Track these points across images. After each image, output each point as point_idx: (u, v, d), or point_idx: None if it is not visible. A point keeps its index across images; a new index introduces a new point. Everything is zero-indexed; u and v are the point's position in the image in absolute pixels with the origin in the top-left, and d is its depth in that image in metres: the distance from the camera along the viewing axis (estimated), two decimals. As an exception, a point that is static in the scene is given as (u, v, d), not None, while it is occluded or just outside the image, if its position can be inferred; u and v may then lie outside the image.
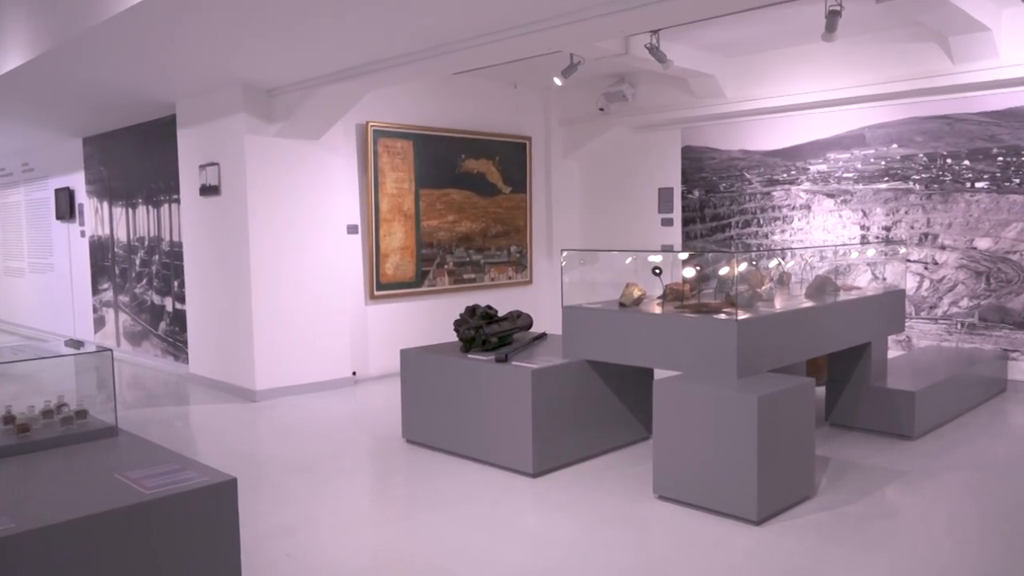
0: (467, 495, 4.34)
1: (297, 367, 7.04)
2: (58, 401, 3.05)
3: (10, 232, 12.45)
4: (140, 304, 8.97)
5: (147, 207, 8.70)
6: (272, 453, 5.35)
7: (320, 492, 4.45)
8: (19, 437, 2.80)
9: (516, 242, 8.96)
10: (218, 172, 7.07)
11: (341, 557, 3.57)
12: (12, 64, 6.18)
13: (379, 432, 5.70)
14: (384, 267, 7.72)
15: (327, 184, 7.22)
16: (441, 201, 8.17)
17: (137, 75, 6.40)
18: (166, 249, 8.39)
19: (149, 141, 8.54)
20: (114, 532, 2.21)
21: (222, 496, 2.43)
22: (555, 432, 4.64)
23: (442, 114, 8.16)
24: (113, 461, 2.65)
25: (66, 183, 10.46)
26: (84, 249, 10.14)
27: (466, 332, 5.15)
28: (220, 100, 6.95)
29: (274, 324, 6.92)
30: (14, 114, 8.35)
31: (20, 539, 2.05)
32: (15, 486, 2.45)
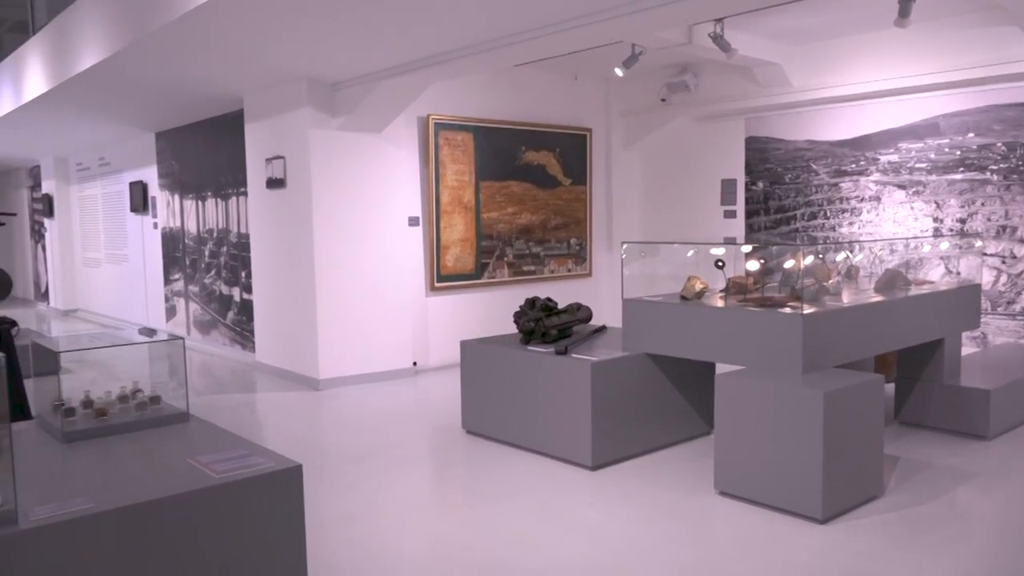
0: (526, 486, 4.35)
1: (359, 357, 7.16)
2: (133, 387, 3.16)
3: (88, 224, 12.94)
4: (209, 294, 9.24)
5: (216, 200, 8.94)
6: (334, 441, 5.45)
7: (381, 480, 4.52)
8: (98, 421, 2.92)
9: (576, 234, 8.93)
10: (284, 165, 7.22)
11: (401, 544, 3.62)
12: (90, 62, 6.41)
13: (439, 422, 5.76)
14: (444, 259, 7.79)
15: (389, 177, 7.31)
16: (501, 193, 8.19)
17: (207, 71, 6.57)
18: (234, 240, 8.61)
19: (218, 135, 8.77)
20: (186, 514, 2.28)
21: (288, 482, 2.49)
22: (614, 425, 4.62)
23: (502, 106, 8.17)
24: (185, 446, 2.74)
25: (140, 177, 10.81)
26: (157, 240, 10.48)
27: (526, 324, 5.15)
28: (286, 94, 7.09)
29: (337, 314, 7.04)
30: (92, 110, 8.66)
31: (100, 518, 2.13)
32: (95, 467, 2.55)
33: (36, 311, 14.18)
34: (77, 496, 2.23)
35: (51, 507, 2.14)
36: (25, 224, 15.62)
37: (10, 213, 10.48)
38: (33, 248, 15.38)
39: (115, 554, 2.16)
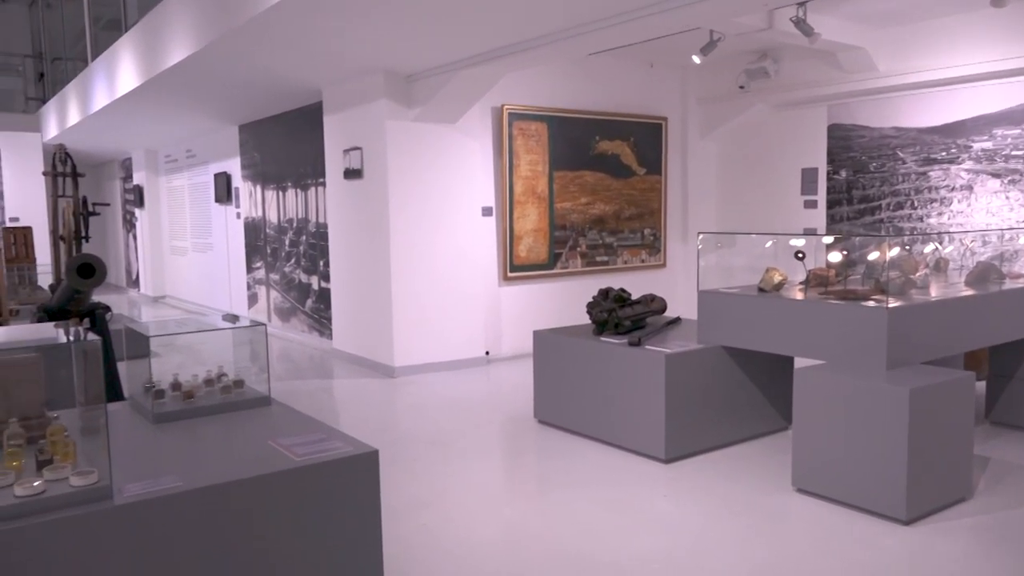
0: (598, 477, 4.34)
1: (433, 345, 7.25)
2: (218, 371, 3.27)
3: (175, 214, 13.45)
4: (289, 282, 9.50)
5: (296, 190, 9.17)
6: (409, 427, 5.54)
7: (454, 467, 4.58)
8: (185, 403, 3.03)
9: (650, 224, 8.82)
10: (361, 156, 7.35)
11: (474, 531, 3.66)
12: (178, 57, 6.65)
13: (511, 411, 5.79)
14: (517, 249, 7.81)
15: (463, 167, 7.37)
16: (575, 183, 8.16)
17: (288, 64, 6.73)
18: (312, 230, 8.82)
19: (298, 127, 8.99)
20: (268, 495, 2.35)
21: (365, 466, 2.54)
22: (688, 418, 4.56)
23: (576, 95, 8.12)
24: (267, 429, 2.82)
25: (224, 168, 11.18)
26: (239, 230, 10.82)
27: (599, 315, 5.13)
28: (363, 87, 7.21)
29: (412, 303, 7.15)
30: (180, 104, 8.98)
31: (187, 496, 2.22)
32: (182, 448, 2.65)
33: (127, 297, 14.83)
34: (166, 475, 2.32)
35: (142, 484, 2.24)
36: (118, 214, 16.34)
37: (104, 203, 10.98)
38: (125, 237, 16.09)
39: (200, 531, 2.24)
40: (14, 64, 16.18)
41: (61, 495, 2.08)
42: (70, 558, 2.04)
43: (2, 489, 2.08)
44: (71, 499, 2.08)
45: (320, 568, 2.46)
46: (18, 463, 2.21)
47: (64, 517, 2.03)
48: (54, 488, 2.10)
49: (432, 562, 3.33)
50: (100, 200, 16.08)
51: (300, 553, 2.42)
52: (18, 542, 1.97)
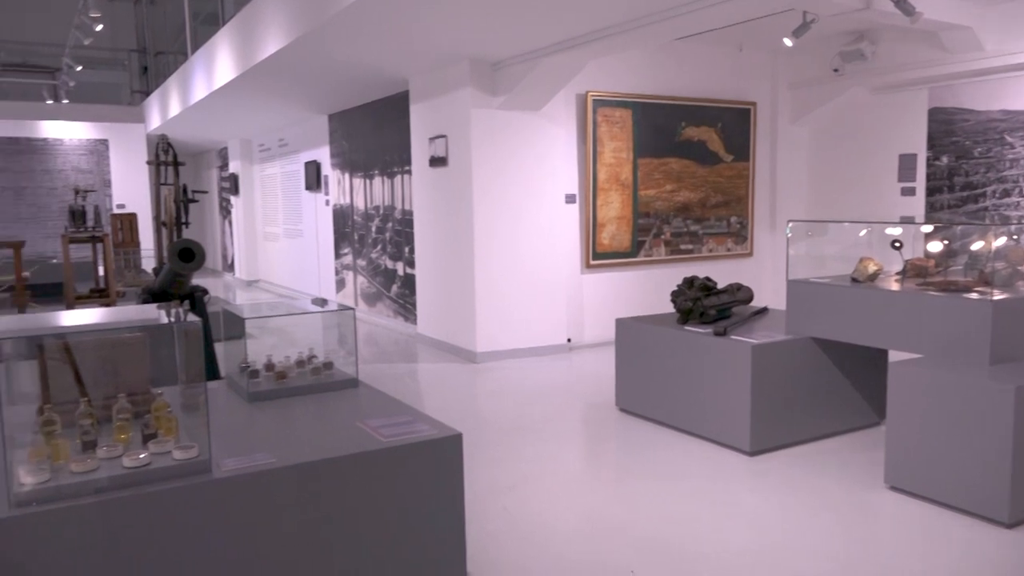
0: (681, 468, 4.29)
1: (515, 332, 7.30)
2: (309, 353, 3.38)
3: (268, 201, 13.91)
4: (375, 268, 9.71)
5: (382, 178, 9.35)
6: (490, 412, 5.60)
7: (535, 453, 4.61)
8: (278, 383, 3.15)
9: (737, 212, 8.63)
10: (446, 144, 7.43)
11: (556, 516, 3.68)
12: (271, 49, 6.86)
13: (592, 399, 5.78)
14: (600, 237, 7.76)
15: (546, 154, 7.36)
16: (659, 170, 8.04)
17: (376, 54, 6.86)
18: (398, 217, 8.98)
19: (385, 116, 9.15)
20: (355, 474, 2.42)
21: (449, 449, 2.59)
22: (775, 410, 4.45)
23: (662, 81, 7.99)
24: (355, 410, 2.91)
25: (314, 156, 11.48)
26: (328, 217, 11.11)
27: (683, 303, 5.05)
28: (449, 75, 7.28)
29: (495, 290, 7.21)
30: (274, 94, 9.27)
31: (279, 473, 2.31)
32: (275, 426, 2.76)
33: (223, 281, 15.45)
34: (260, 451, 2.42)
35: (238, 460, 2.34)
36: (215, 201, 17.01)
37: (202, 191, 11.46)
38: (221, 223, 16.74)
39: (291, 506, 2.33)
40: (121, 59, 17.01)
41: (164, 467, 2.20)
42: (171, 527, 2.15)
43: (112, 460, 2.21)
44: (173, 472, 2.19)
45: (405, 546, 2.52)
46: (126, 436, 2.35)
47: (167, 489, 2.15)
48: (158, 461, 2.22)
49: (513, 546, 3.37)
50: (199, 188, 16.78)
51: (385, 531, 2.49)
52: (126, 510, 2.09)
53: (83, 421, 2.30)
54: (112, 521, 2.07)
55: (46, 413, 2.29)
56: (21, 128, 13.90)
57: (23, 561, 1.97)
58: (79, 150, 14.37)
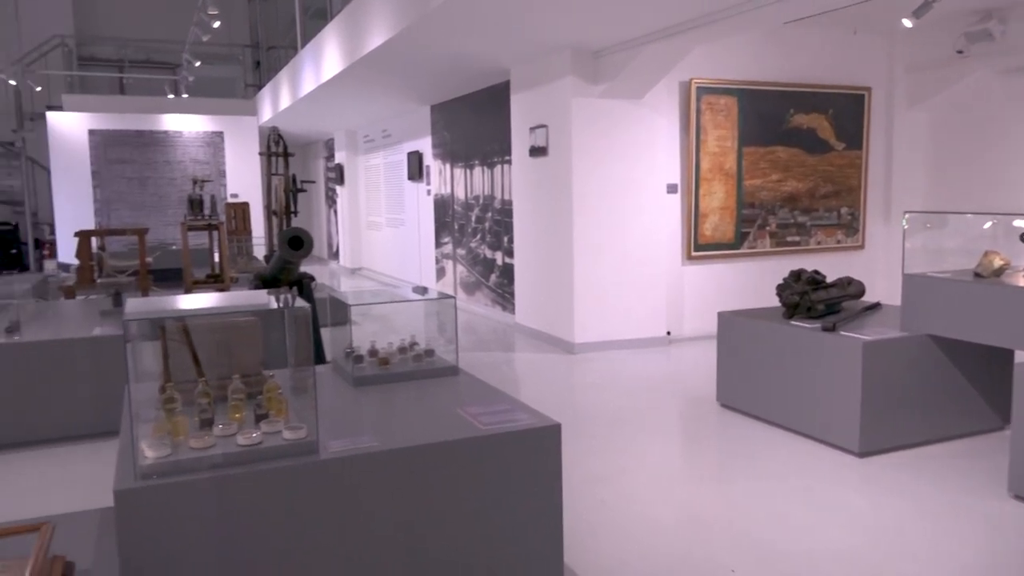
0: (784, 467, 4.16)
1: (614, 323, 7.24)
2: (411, 340, 3.45)
3: (371, 191, 14.26)
4: (474, 257, 9.81)
5: (482, 168, 9.43)
6: (588, 404, 5.57)
7: (633, 446, 4.56)
8: (381, 368, 3.23)
9: (847, 203, 8.27)
10: (546, 134, 7.42)
11: (653, 511, 3.63)
12: (376, 42, 7.00)
13: (692, 393, 5.67)
14: (702, 227, 7.59)
15: (648, 143, 7.25)
16: (765, 159, 7.80)
17: (478, 45, 6.90)
18: (498, 207, 9.04)
19: (485, 107, 9.21)
20: (454, 460, 2.46)
21: (548, 439, 2.59)
22: (887, 411, 4.25)
23: (770, 67, 7.73)
24: (455, 397, 2.95)
25: (416, 147, 11.69)
26: (429, 206, 11.30)
27: (790, 297, 4.89)
28: (550, 64, 7.26)
29: (593, 280, 7.16)
30: (378, 86, 9.48)
31: (382, 456, 2.37)
32: (379, 410, 2.83)
33: (328, 268, 15.96)
34: (364, 434, 2.49)
35: (343, 442, 2.41)
36: (321, 191, 17.57)
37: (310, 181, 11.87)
38: (327, 212, 17.28)
39: (392, 488, 2.38)
40: (235, 54, 17.77)
41: (275, 447, 2.28)
42: (279, 503, 2.24)
43: (226, 438, 2.32)
44: (283, 451, 2.28)
45: (502, 534, 2.54)
46: (240, 415, 2.46)
47: (277, 467, 2.23)
48: (269, 440, 2.31)
49: (610, 538, 3.34)
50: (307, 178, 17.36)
51: (483, 518, 2.51)
52: (239, 485, 2.19)
53: (201, 400, 2.41)
54: (226, 495, 2.17)
55: (167, 391, 2.41)
56: (145, 121, 14.73)
57: (147, 528, 2.09)
58: (197, 142, 15.10)
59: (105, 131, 14.48)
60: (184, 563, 2.14)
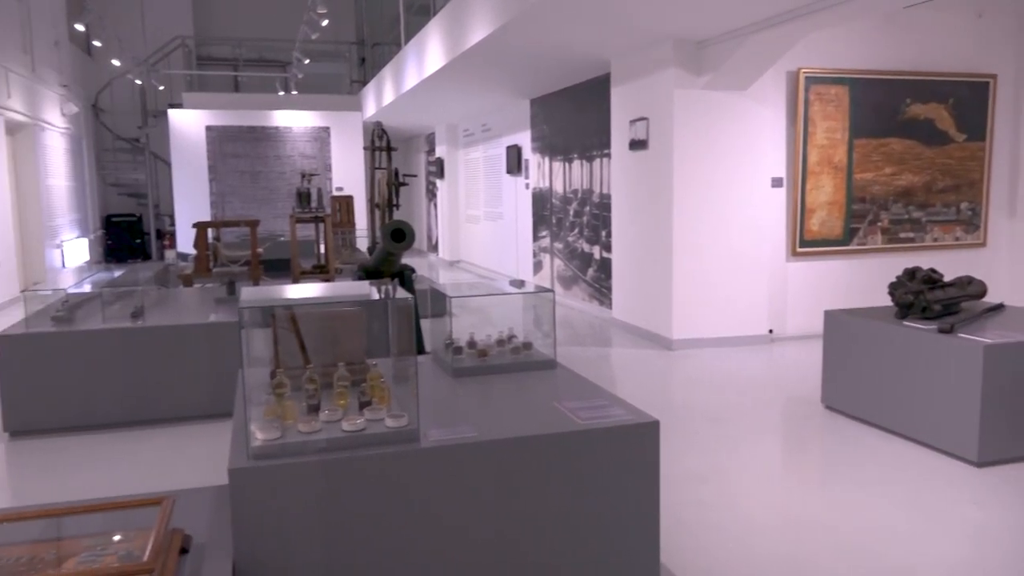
0: (893, 473, 3.99)
1: (713, 320, 7.09)
2: (509, 333, 3.47)
3: (471, 184, 14.43)
4: (572, 251, 9.79)
5: (581, 161, 9.39)
6: (686, 401, 5.48)
7: (732, 446, 4.46)
8: (479, 360, 3.27)
9: (968, 198, 7.82)
10: (646, 127, 7.32)
11: (753, 513, 3.54)
12: (478, 37, 7.07)
13: (795, 394, 5.50)
14: (809, 223, 7.33)
15: (752, 135, 7.05)
16: (878, 152, 7.45)
17: (579, 37, 6.87)
18: (596, 201, 8.99)
19: (585, 100, 9.17)
20: (551, 454, 2.46)
21: (645, 436, 2.56)
22: (1010, 418, 4.01)
23: (884, 54, 7.38)
24: (552, 391, 2.95)
25: (515, 141, 11.75)
26: (527, 200, 11.34)
27: (903, 296, 4.66)
28: (652, 56, 7.16)
29: (693, 276, 7.03)
30: (479, 81, 9.58)
31: (481, 447, 2.40)
32: (477, 401, 2.86)
33: (427, 261, 16.26)
34: (462, 424, 2.53)
35: (442, 431, 2.45)
36: (422, 184, 17.91)
37: (412, 175, 12.12)
38: (427, 205, 17.60)
39: (490, 479, 2.41)
40: (342, 51, 18.30)
41: (378, 433, 2.35)
42: (380, 488, 2.30)
43: (332, 423, 2.40)
44: (386, 438, 2.34)
45: (598, 529, 2.53)
46: (344, 402, 2.54)
47: (380, 453, 2.30)
48: (372, 427, 2.37)
49: (707, 538, 3.28)
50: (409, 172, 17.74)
51: (579, 513, 2.51)
52: (343, 469, 2.26)
53: (308, 386, 2.50)
54: (330, 478, 2.25)
55: (278, 376, 2.52)
56: (257, 118, 15.37)
57: (258, 505, 2.19)
58: (305, 137, 15.65)
59: (221, 127, 15.19)
60: (291, 539, 2.24)
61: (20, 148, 11.90)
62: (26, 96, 11.66)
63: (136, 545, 1.91)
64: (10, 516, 2.14)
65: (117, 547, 1.94)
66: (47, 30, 12.94)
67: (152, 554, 1.77)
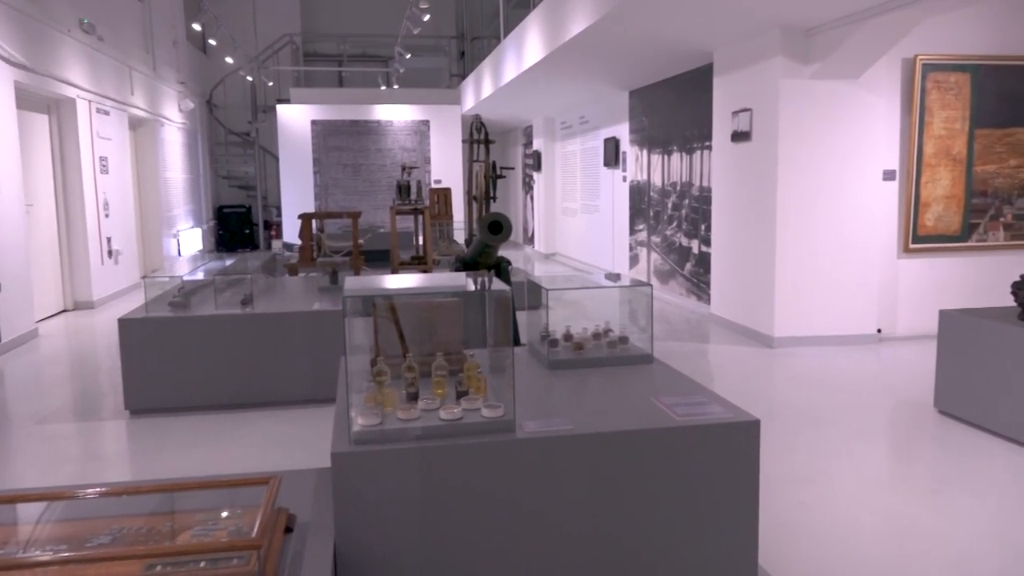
0: (1012, 484, 3.75)
1: (818, 317, 6.84)
2: (605, 326, 3.45)
3: (567, 177, 14.39)
4: (669, 245, 9.64)
5: (680, 154, 9.22)
6: (787, 400, 5.32)
7: (837, 448, 4.29)
8: (575, 353, 3.25)
9: (1104, 192, 7.27)
10: (750, 118, 7.12)
11: (857, 518, 3.40)
12: (579, 28, 7.03)
13: (905, 397, 5.25)
14: (923, 218, 6.97)
15: (863, 126, 6.75)
16: (1002, 143, 7.01)
17: (682, 26, 6.74)
18: (695, 194, 8.81)
19: (686, 91, 8.99)
20: (648, 449, 2.43)
21: (745, 435, 2.49)
22: None
23: (1014, 38, 6.92)
24: (648, 386, 2.91)
25: (613, 133, 11.64)
26: (624, 193, 11.23)
27: (1027, 297, 4.38)
28: (757, 45, 6.94)
29: (797, 272, 6.80)
30: (578, 73, 9.53)
31: (576, 440, 2.39)
32: (572, 394, 2.85)
33: (523, 253, 16.32)
34: (558, 417, 2.52)
35: (538, 423, 2.45)
36: (519, 177, 17.99)
37: (510, 167, 12.17)
38: (523, 198, 17.67)
39: (585, 473, 2.39)
40: (442, 46, 18.56)
41: (475, 423, 2.37)
42: (476, 477, 2.32)
43: (430, 412, 2.44)
44: (482, 428, 2.36)
45: (694, 528, 2.48)
46: (442, 391, 2.57)
47: (476, 443, 2.32)
48: (469, 416, 2.40)
49: (808, 543, 3.18)
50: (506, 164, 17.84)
51: (675, 511, 2.47)
52: (440, 457, 2.30)
53: (407, 374, 2.55)
54: (428, 465, 2.29)
55: (378, 364, 2.57)
56: (361, 112, 15.77)
57: (358, 488, 2.26)
58: (405, 131, 15.95)
59: (325, 121, 15.67)
60: (390, 523, 2.29)
61: (142, 143, 12.61)
62: (148, 93, 12.34)
63: (244, 522, 2.00)
64: (129, 489, 2.27)
65: (226, 523, 2.03)
66: (167, 31, 13.64)
67: (260, 531, 1.84)
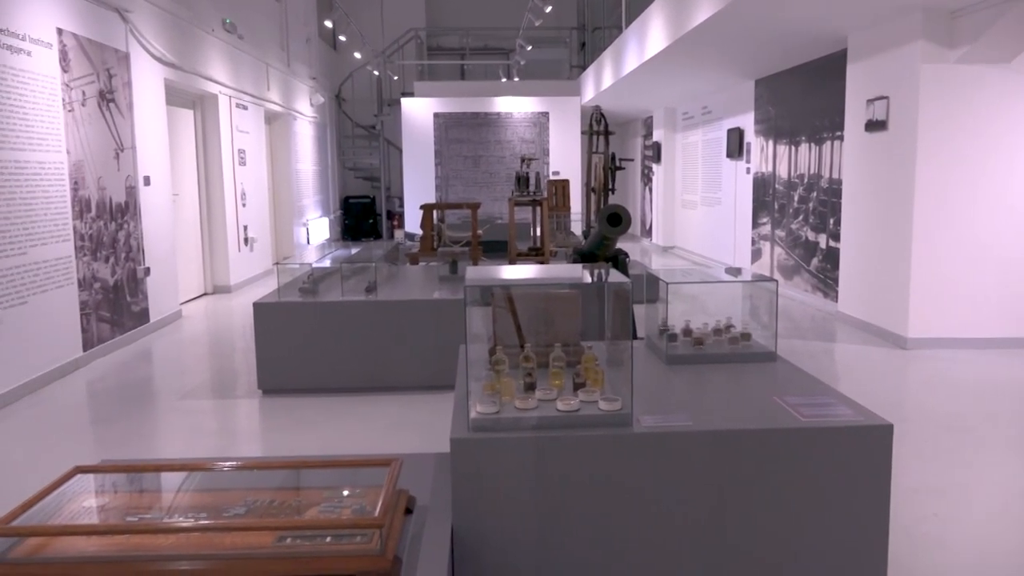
0: None
1: (958, 318, 6.43)
2: (726, 322, 3.36)
3: (688, 169, 14.10)
4: (795, 239, 9.28)
5: (809, 144, 8.85)
6: (921, 405, 5.03)
7: (976, 458, 4.03)
8: (695, 348, 3.19)
9: None
10: (886, 106, 6.75)
11: (993, 533, 3.19)
12: (705, 15, 6.85)
13: (1057, 406, 4.86)
14: (1082, 213, 6.41)
15: (1016, 114, 6.28)
16: None
17: (815, 11, 6.45)
18: (824, 186, 8.44)
19: (816, 79, 8.61)
20: (770, 450, 2.35)
21: (876, 440, 2.37)
22: None
23: None
24: (771, 384, 2.82)
25: (737, 123, 11.30)
26: (748, 185, 10.89)
27: None
28: (895, 29, 6.57)
29: (935, 269, 6.41)
30: (702, 62, 9.30)
31: (695, 436, 2.34)
32: (692, 390, 2.80)
33: (640, 246, 16.12)
34: (676, 412, 2.48)
35: (656, 418, 2.42)
36: (637, 169, 17.76)
37: (629, 159, 12.05)
38: (642, 190, 17.44)
39: (703, 471, 2.35)
40: (563, 37, 18.53)
41: (592, 416, 2.37)
42: (592, 470, 2.32)
43: (547, 403, 2.45)
44: (599, 420, 2.36)
45: (820, 535, 2.39)
46: (559, 383, 2.58)
47: (593, 435, 2.32)
48: (586, 408, 2.40)
49: (941, 556, 3.00)
50: (625, 156, 17.69)
51: (798, 516, 2.39)
52: (556, 448, 2.31)
53: (525, 364, 2.57)
54: (544, 455, 2.30)
55: (497, 353, 2.61)
56: (481, 104, 15.98)
57: (476, 474, 2.30)
58: (524, 122, 16.05)
59: (447, 114, 15.97)
60: (506, 510, 2.32)
61: (276, 136, 13.26)
62: (282, 89, 12.94)
63: (367, 501, 2.07)
64: (261, 464, 2.40)
65: (349, 501, 2.11)
66: (300, 28, 14.26)
67: (382, 511, 1.91)
